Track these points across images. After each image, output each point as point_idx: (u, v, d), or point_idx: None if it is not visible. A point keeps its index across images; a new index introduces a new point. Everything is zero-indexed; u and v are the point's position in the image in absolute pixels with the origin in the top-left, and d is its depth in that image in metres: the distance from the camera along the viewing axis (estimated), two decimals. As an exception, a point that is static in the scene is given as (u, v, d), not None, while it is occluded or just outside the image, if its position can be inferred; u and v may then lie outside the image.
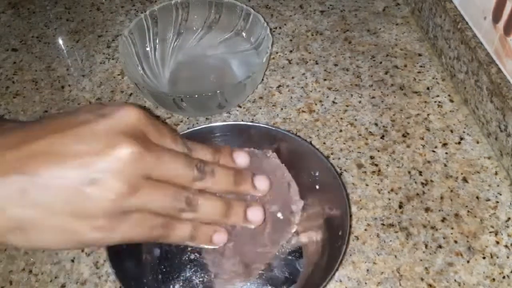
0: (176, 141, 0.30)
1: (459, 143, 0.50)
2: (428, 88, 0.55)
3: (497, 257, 0.41)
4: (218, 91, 0.48)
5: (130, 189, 0.26)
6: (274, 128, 0.43)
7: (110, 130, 0.26)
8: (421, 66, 0.58)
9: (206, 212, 0.31)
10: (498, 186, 0.46)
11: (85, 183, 0.25)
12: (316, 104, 0.54)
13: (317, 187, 0.42)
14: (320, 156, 0.41)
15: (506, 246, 0.42)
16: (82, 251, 0.44)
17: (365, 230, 0.44)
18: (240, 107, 0.54)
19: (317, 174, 0.41)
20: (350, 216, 0.38)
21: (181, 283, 0.40)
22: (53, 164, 0.25)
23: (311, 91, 0.56)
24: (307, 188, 0.43)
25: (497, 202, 0.45)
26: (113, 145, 0.26)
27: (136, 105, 0.29)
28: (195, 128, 0.43)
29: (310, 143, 0.42)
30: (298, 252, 0.42)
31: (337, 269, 0.35)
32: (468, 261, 0.41)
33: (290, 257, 0.42)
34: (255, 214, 0.34)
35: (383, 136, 0.51)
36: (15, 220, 0.25)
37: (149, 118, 0.29)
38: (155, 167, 0.27)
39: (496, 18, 0.46)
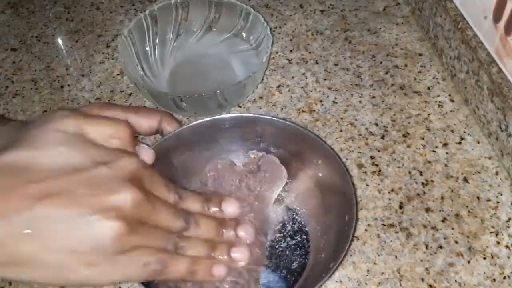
0: (169, 190, 0.34)
1: (460, 143, 0.50)
2: (428, 88, 0.55)
3: (498, 258, 0.41)
4: (218, 91, 0.48)
5: (129, 230, 0.29)
6: (275, 119, 0.43)
7: (114, 178, 0.29)
8: (421, 66, 0.57)
9: (192, 253, 0.34)
10: (498, 186, 0.46)
11: (89, 222, 0.28)
12: (316, 104, 0.54)
13: (320, 174, 0.42)
14: (323, 144, 0.41)
15: (506, 247, 0.42)
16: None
17: (366, 230, 0.44)
18: (240, 107, 0.54)
19: (319, 162, 0.42)
20: (356, 202, 0.38)
21: None
22: (58, 205, 0.28)
23: (311, 91, 0.56)
24: (310, 176, 0.43)
25: (498, 202, 0.45)
26: (118, 190, 0.29)
27: (134, 154, 0.33)
28: (201, 120, 0.43)
29: (315, 134, 0.42)
30: (304, 240, 0.42)
31: (345, 255, 0.36)
32: (468, 262, 0.41)
33: (296, 247, 0.42)
34: (239, 253, 0.36)
35: (383, 136, 0.51)
36: (13, 256, 0.27)
37: (147, 167, 0.33)
38: (151, 215, 0.31)
39: (496, 17, 0.46)
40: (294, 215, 0.44)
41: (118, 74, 0.59)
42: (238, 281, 0.37)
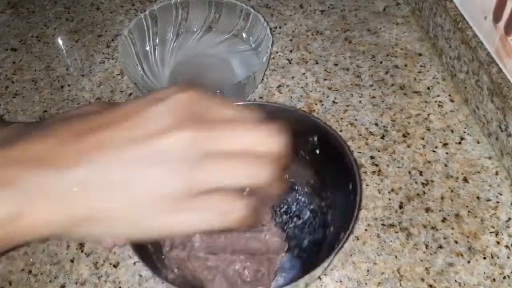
0: (227, 106, 0.28)
1: (460, 143, 0.50)
2: (428, 88, 0.55)
3: (498, 258, 0.41)
4: (218, 91, 0.48)
5: (192, 166, 0.25)
6: (266, 103, 0.43)
7: (166, 113, 0.25)
8: (421, 66, 0.57)
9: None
10: (498, 186, 0.46)
11: (147, 167, 0.25)
12: (316, 104, 0.54)
13: (317, 151, 0.42)
14: (316, 119, 0.41)
15: (506, 247, 0.42)
16: (82, 251, 0.43)
17: (366, 230, 0.44)
18: (240, 107, 0.54)
19: (315, 139, 0.42)
20: (358, 168, 0.38)
21: None
22: (115, 151, 0.25)
23: (311, 91, 0.56)
24: (307, 154, 0.43)
25: (498, 202, 0.45)
26: (170, 128, 0.25)
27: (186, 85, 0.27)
28: None
29: (306, 112, 0.42)
30: (310, 218, 0.43)
31: (355, 223, 0.36)
32: (468, 262, 0.41)
33: (304, 225, 0.43)
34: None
35: (383, 136, 0.51)
36: (81, 214, 0.25)
37: (200, 96, 0.27)
38: (212, 141, 0.26)
39: (496, 18, 0.46)
40: (297, 196, 0.44)
41: (118, 74, 0.59)
42: (260, 269, 0.38)
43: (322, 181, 0.43)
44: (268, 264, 0.38)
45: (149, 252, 0.38)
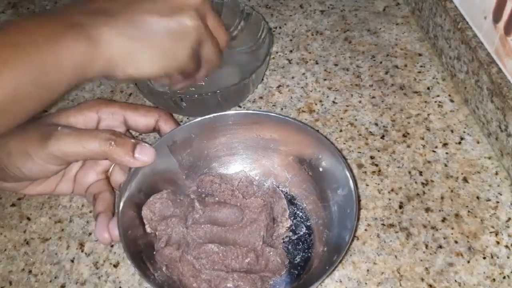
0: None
1: (460, 143, 0.50)
2: (428, 88, 0.55)
3: (498, 257, 0.41)
4: (218, 91, 0.48)
5: (203, 21, 0.39)
6: (274, 114, 0.43)
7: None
8: (421, 66, 0.58)
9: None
10: (498, 186, 0.46)
11: (174, 21, 0.37)
12: (316, 104, 0.54)
13: (321, 169, 0.42)
14: (323, 138, 0.41)
15: (506, 246, 0.42)
16: (82, 251, 0.43)
17: (365, 230, 0.44)
18: (240, 107, 0.54)
19: (320, 156, 0.42)
20: (357, 194, 0.39)
21: None
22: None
23: (311, 91, 0.56)
24: (310, 171, 0.43)
25: (498, 202, 0.45)
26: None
27: None
28: (200, 119, 0.43)
29: (316, 129, 0.42)
30: (306, 235, 0.43)
31: (348, 248, 0.36)
32: (468, 261, 0.41)
33: (299, 241, 0.42)
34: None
35: (383, 136, 0.51)
36: (125, 51, 0.35)
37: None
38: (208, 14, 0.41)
39: (496, 18, 0.46)
40: (296, 210, 0.44)
41: (118, 74, 0.59)
42: None
43: (322, 199, 0.42)
44: (261, 284, 0.38)
45: (140, 248, 0.38)
